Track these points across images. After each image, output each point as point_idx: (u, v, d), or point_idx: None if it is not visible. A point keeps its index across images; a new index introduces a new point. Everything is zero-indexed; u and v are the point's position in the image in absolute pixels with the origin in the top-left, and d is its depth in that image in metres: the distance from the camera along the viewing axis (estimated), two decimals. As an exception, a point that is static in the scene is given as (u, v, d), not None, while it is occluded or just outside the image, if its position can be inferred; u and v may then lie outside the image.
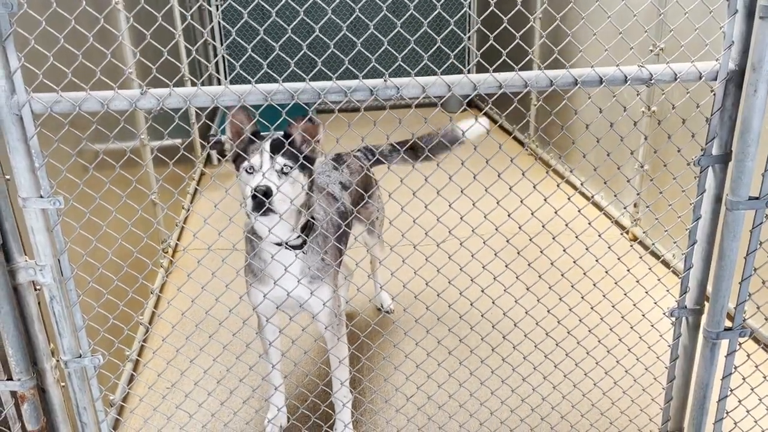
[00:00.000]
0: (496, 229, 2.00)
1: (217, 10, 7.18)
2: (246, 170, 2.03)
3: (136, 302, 3.05)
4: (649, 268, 2.17)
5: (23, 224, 1.68)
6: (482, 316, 2.20)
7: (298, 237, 2.16)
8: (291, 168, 2.02)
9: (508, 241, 2.04)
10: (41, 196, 1.64)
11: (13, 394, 1.83)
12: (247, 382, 2.67)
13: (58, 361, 1.87)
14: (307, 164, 2.07)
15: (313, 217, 2.20)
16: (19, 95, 1.53)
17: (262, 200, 1.92)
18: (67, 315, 1.78)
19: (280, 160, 2.00)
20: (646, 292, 2.15)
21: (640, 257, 2.15)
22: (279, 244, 2.14)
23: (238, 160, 2.05)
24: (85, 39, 1.61)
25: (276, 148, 2.02)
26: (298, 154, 2.02)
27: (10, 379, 1.81)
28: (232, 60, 1.87)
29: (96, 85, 1.63)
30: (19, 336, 1.75)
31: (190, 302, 2.07)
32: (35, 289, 1.78)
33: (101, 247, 1.98)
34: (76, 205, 1.90)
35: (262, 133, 2.10)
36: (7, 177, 1.65)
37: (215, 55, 7.37)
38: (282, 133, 2.07)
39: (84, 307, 1.81)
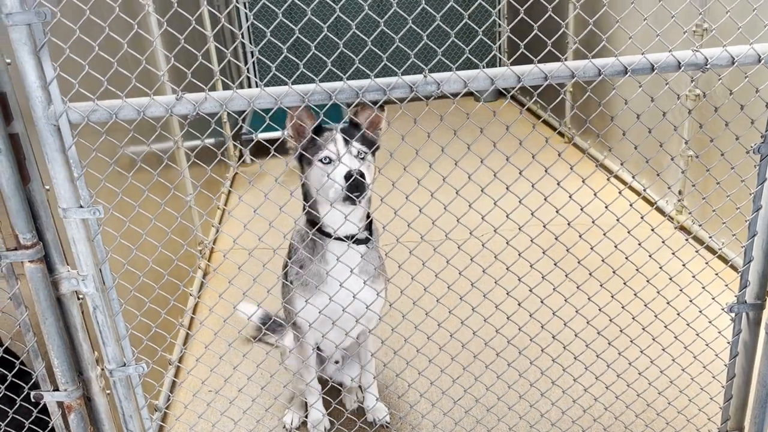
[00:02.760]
0: (545, 227, 1.92)
1: (250, 10, 7.20)
2: (322, 161, 2.02)
3: (175, 307, 3.05)
4: (706, 263, 2.07)
5: (64, 234, 1.67)
6: (531, 316, 2.12)
7: (363, 231, 2.13)
8: (365, 154, 2.04)
9: (557, 239, 1.96)
10: (81, 206, 1.62)
11: (60, 404, 1.83)
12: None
13: (102, 369, 1.86)
14: (373, 151, 2.09)
15: (368, 214, 2.18)
16: (56, 105, 1.51)
17: (359, 181, 1.91)
18: (111, 324, 1.77)
19: (355, 145, 2.02)
20: (703, 288, 2.05)
21: (697, 251, 2.04)
22: (342, 240, 2.09)
23: (308, 154, 2.04)
24: (118, 46, 1.58)
25: (346, 135, 2.03)
26: (365, 141, 2.03)
27: (56, 389, 1.81)
28: (267, 61, 1.86)
29: (130, 91, 1.61)
30: (64, 346, 1.75)
31: (230, 308, 2.04)
32: (78, 299, 1.77)
33: (141, 255, 1.97)
34: (116, 214, 1.88)
35: (324, 126, 2.09)
36: (47, 187, 1.64)
37: (245, 57, 7.40)
38: (345, 123, 2.09)
39: (125, 315, 1.79)
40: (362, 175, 1.92)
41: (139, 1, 3.21)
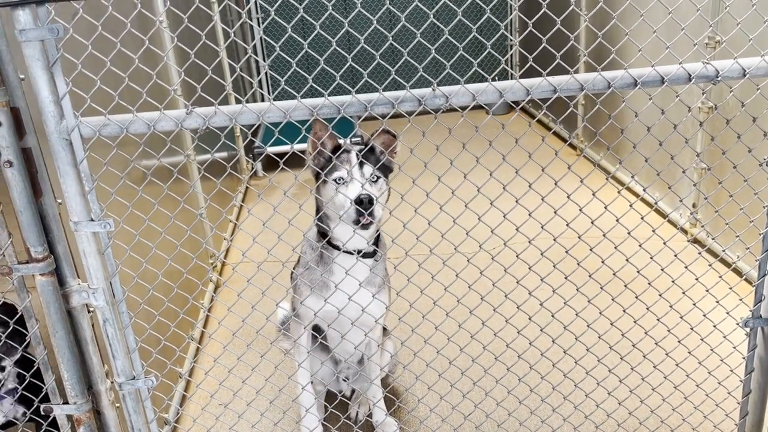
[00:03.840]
0: (555, 240, 1.91)
1: (259, 25, 7.27)
2: (335, 180, 2.08)
3: (185, 320, 3.05)
4: (720, 276, 2.04)
5: (75, 248, 1.68)
6: (542, 330, 2.11)
7: (371, 246, 2.18)
8: (378, 177, 2.10)
9: (567, 252, 1.95)
10: (92, 220, 1.63)
11: (69, 417, 1.83)
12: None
13: (112, 383, 1.86)
14: (387, 172, 2.15)
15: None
16: (68, 120, 1.53)
17: (367, 207, 1.97)
18: (120, 337, 1.78)
19: (368, 169, 2.08)
20: (717, 302, 2.02)
21: (710, 265, 2.02)
22: (350, 253, 2.14)
23: (324, 171, 2.09)
24: (129, 60, 1.60)
25: (361, 158, 2.08)
26: (380, 164, 2.09)
27: (66, 402, 1.81)
28: (277, 76, 1.87)
29: (141, 105, 1.62)
30: (74, 359, 1.75)
31: (239, 321, 2.03)
32: (88, 312, 1.78)
33: (151, 268, 1.97)
34: (126, 227, 1.89)
35: (342, 146, 2.14)
36: (59, 201, 1.66)
37: (257, 71, 7.45)
38: (362, 145, 2.16)
39: (135, 328, 1.80)
40: (372, 200, 1.98)
41: (151, 16, 3.25)
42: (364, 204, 1.97)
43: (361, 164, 2.08)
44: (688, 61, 1.67)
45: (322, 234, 2.20)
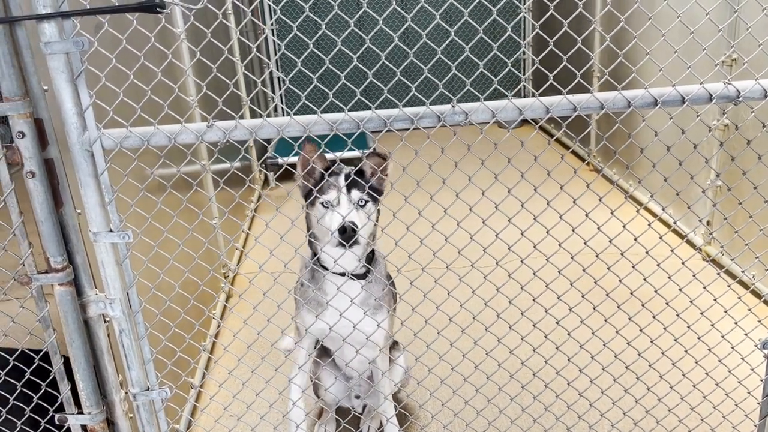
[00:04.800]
0: (572, 258, 1.90)
1: (279, 38, 7.32)
2: (323, 204, 2.08)
3: (198, 331, 3.05)
4: (739, 297, 2.02)
5: (93, 258, 1.69)
6: (557, 348, 2.09)
7: (363, 266, 2.17)
8: (366, 201, 2.09)
9: (584, 270, 1.94)
10: (111, 231, 1.64)
11: (84, 427, 1.83)
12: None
13: (126, 393, 1.86)
14: (377, 195, 2.13)
15: (372, 249, 2.22)
16: (90, 132, 1.54)
17: (351, 234, 1.98)
18: (136, 348, 1.78)
19: (356, 193, 2.07)
20: (736, 323, 2.00)
21: (729, 286, 2.00)
22: (342, 275, 2.14)
23: (312, 195, 2.10)
24: (150, 73, 1.62)
25: (349, 182, 2.07)
26: (369, 188, 2.08)
27: (80, 412, 1.81)
28: (297, 90, 1.89)
29: (161, 118, 1.64)
30: (90, 369, 1.76)
31: (252, 333, 2.03)
32: (104, 322, 1.78)
33: (168, 279, 1.98)
34: (144, 239, 1.90)
35: (333, 168, 2.13)
36: (79, 212, 1.67)
37: (273, 86, 7.50)
38: (352, 167, 2.14)
39: (149, 339, 1.80)
40: (354, 227, 1.99)
41: (172, 30, 3.29)
42: (347, 232, 1.98)
43: (349, 188, 2.07)
44: (705, 80, 1.66)
45: (314, 253, 2.21)
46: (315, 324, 2.19)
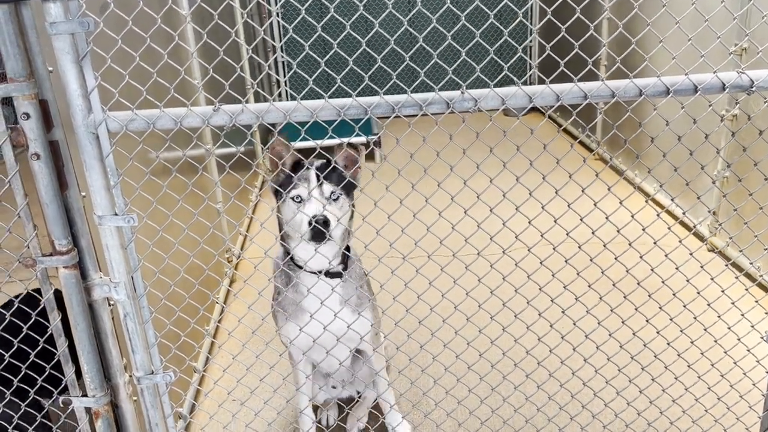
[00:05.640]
0: (580, 248, 1.88)
1: (280, 23, 7.27)
2: (293, 199, 2.02)
3: (202, 316, 3.05)
4: (746, 290, 2.01)
5: (98, 241, 1.68)
6: (563, 338, 2.08)
7: (339, 264, 2.12)
8: (339, 195, 2.03)
9: (592, 260, 1.92)
10: (116, 214, 1.63)
11: (88, 410, 1.83)
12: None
13: (130, 376, 1.86)
14: (351, 190, 2.08)
15: (348, 247, 2.17)
16: (96, 114, 1.53)
17: (321, 230, 1.92)
18: (140, 331, 1.78)
19: (327, 187, 2.02)
20: (743, 315, 1.99)
21: (736, 277, 1.99)
22: (317, 273, 2.09)
23: (282, 188, 2.04)
24: (156, 56, 1.60)
25: (320, 174, 2.01)
26: (342, 180, 2.02)
27: (85, 395, 1.81)
28: (304, 75, 1.86)
29: (162, 101, 1.62)
30: (94, 352, 1.76)
31: (256, 318, 2.03)
32: (108, 305, 1.78)
33: (173, 264, 1.97)
34: (150, 223, 1.89)
35: (302, 161, 2.07)
36: (83, 194, 1.66)
37: (275, 69, 7.46)
38: (324, 160, 2.07)
39: (153, 323, 1.80)
40: (327, 221, 1.93)
41: (177, 12, 3.26)
42: (317, 227, 1.92)
43: (321, 182, 2.01)
44: (715, 69, 1.64)
45: (287, 252, 2.14)
46: (291, 330, 2.13)
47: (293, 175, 2.03)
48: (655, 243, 1.88)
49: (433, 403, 2.69)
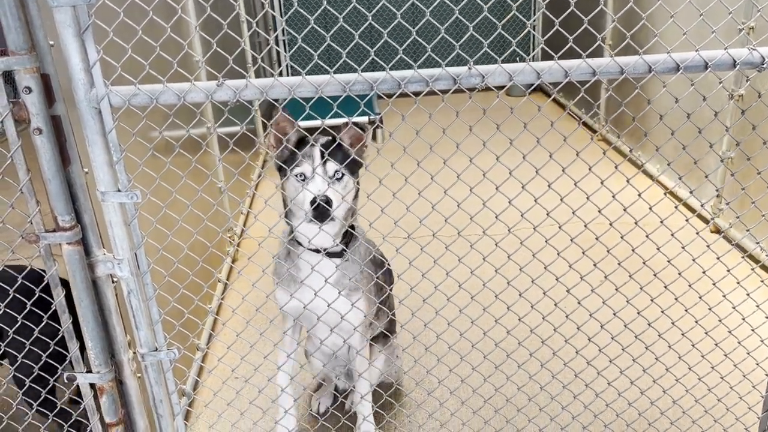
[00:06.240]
0: (585, 226, 1.87)
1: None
2: (296, 177, 2.00)
3: (206, 293, 3.06)
4: (752, 269, 2.00)
5: (101, 218, 1.67)
6: (567, 317, 2.08)
7: (338, 245, 2.11)
8: (342, 174, 2.00)
9: (597, 238, 1.91)
10: (119, 190, 1.62)
11: (92, 386, 1.83)
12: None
13: (134, 353, 1.87)
14: (356, 169, 2.05)
15: (352, 226, 2.14)
16: (98, 88, 1.51)
17: (325, 209, 1.90)
18: (144, 308, 1.77)
19: (331, 166, 1.99)
20: (748, 295, 1.98)
21: (742, 257, 1.98)
22: (317, 251, 2.07)
23: (286, 163, 2.01)
24: (157, 30, 1.57)
25: (324, 153, 1.98)
26: (347, 160, 1.99)
27: (89, 371, 1.81)
28: (310, 49, 1.82)
29: (169, 77, 1.60)
30: (98, 329, 1.75)
31: (260, 296, 2.02)
32: (112, 282, 1.77)
33: (177, 241, 1.96)
34: (153, 199, 1.88)
35: (307, 138, 2.03)
36: (86, 170, 1.64)
37: (277, 45, 7.39)
38: (329, 138, 2.04)
39: (157, 300, 1.79)
40: (329, 200, 1.91)
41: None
42: (319, 206, 1.89)
43: (325, 161, 1.97)
44: (721, 47, 1.62)
45: (291, 229, 2.12)
46: (289, 303, 2.12)
47: (297, 151, 2.01)
48: (661, 222, 1.87)
49: (436, 381, 2.70)
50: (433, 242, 2.03)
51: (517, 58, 7.21)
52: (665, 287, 2.02)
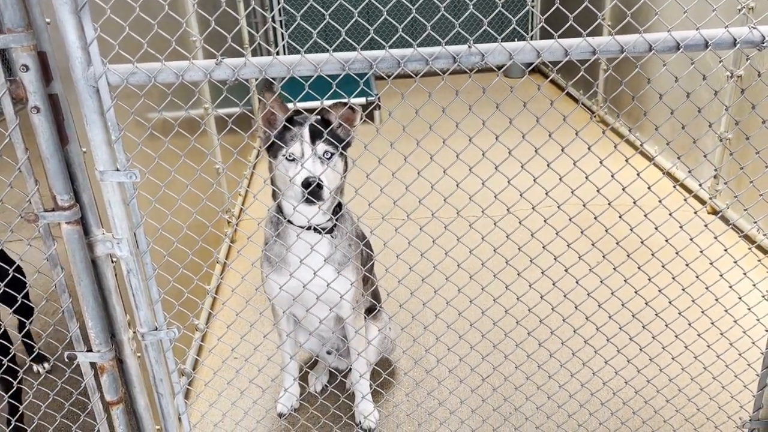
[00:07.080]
0: (584, 206, 1.87)
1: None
2: (286, 157, 2.00)
3: (205, 273, 3.06)
4: (749, 248, 2.01)
5: (100, 197, 1.66)
6: (565, 296, 2.09)
7: (329, 220, 2.12)
8: (332, 154, 2.00)
9: (596, 218, 1.92)
10: (118, 170, 1.61)
11: (93, 365, 1.85)
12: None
13: (134, 333, 1.87)
14: (345, 148, 2.05)
15: (338, 204, 2.15)
16: (96, 67, 1.50)
17: (314, 190, 1.91)
18: (144, 288, 1.78)
19: (321, 146, 1.98)
20: (744, 274, 1.99)
21: (740, 236, 1.98)
22: (308, 229, 2.08)
23: (274, 146, 2.01)
24: (154, 8, 1.56)
25: (314, 133, 1.98)
26: (336, 139, 2.00)
27: (89, 350, 1.82)
28: (309, 28, 1.80)
29: (166, 55, 1.59)
30: (98, 308, 1.76)
31: (258, 275, 2.03)
32: (111, 262, 1.78)
33: (176, 220, 1.96)
34: (152, 179, 1.88)
35: (296, 118, 2.04)
36: (84, 150, 1.64)
37: (274, 28, 7.33)
38: (318, 117, 2.04)
39: (157, 280, 1.80)
40: (320, 181, 1.91)
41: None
42: (311, 187, 1.90)
43: (314, 140, 1.97)
44: (719, 26, 1.61)
45: (279, 206, 2.14)
46: (280, 278, 2.12)
47: (291, 127, 2.01)
48: (660, 201, 1.87)
49: (434, 360, 2.72)
50: (432, 222, 2.03)
51: (516, 38, 7.17)
52: (663, 267, 2.03)
